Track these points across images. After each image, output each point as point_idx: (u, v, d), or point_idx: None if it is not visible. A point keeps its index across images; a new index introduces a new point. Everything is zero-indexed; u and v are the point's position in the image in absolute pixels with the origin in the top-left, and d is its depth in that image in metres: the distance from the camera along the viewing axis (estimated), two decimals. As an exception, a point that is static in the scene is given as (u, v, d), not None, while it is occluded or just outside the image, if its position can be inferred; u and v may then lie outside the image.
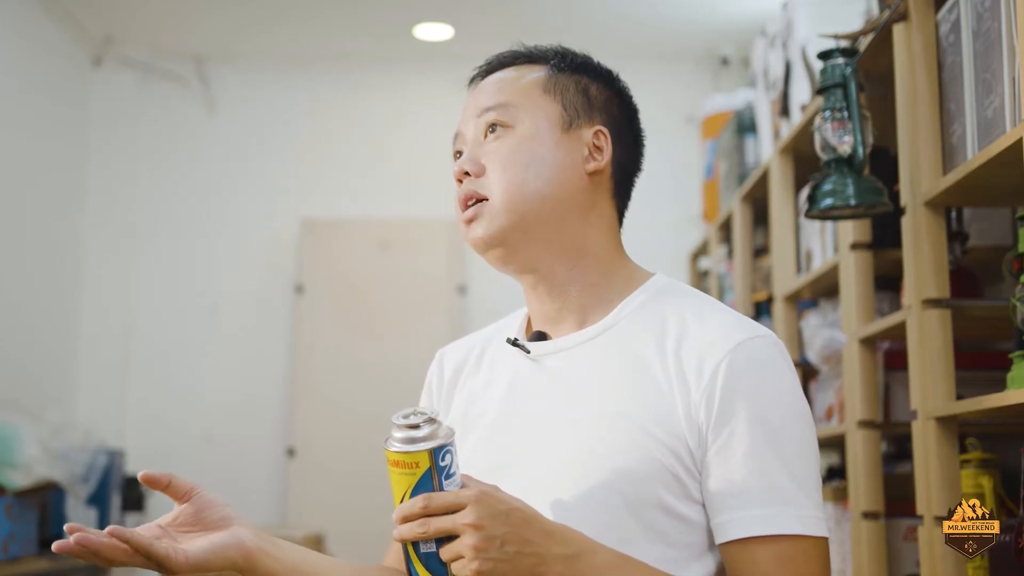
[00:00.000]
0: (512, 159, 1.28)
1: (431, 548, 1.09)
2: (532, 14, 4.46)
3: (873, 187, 1.96)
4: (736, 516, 1.15)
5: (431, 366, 1.45)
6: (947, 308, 1.87)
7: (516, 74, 1.34)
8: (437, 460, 1.10)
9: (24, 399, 3.97)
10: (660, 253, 4.64)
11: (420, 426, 1.10)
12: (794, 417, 1.19)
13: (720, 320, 1.23)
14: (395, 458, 1.11)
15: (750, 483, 1.15)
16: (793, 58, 2.92)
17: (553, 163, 1.29)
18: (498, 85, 1.34)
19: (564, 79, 1.33)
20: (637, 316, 1.28)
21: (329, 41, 4.90)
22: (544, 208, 1.27)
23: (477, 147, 1.31)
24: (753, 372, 1.19)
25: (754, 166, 3.44)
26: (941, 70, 1.91)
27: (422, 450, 1.09)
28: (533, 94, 1.32)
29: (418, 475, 1.10)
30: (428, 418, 1.10)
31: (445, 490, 1.10)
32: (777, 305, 2.96)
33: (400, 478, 1.11)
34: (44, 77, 4.51)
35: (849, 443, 2.32)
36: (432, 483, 1.10)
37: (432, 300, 4.89)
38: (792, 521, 1.15)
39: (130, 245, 4.93)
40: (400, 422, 1.11)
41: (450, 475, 1.11)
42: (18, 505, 3.41)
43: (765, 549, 1.14)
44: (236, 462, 4.79)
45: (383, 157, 5.05)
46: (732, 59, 4.80)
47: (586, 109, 1.33)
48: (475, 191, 1.29)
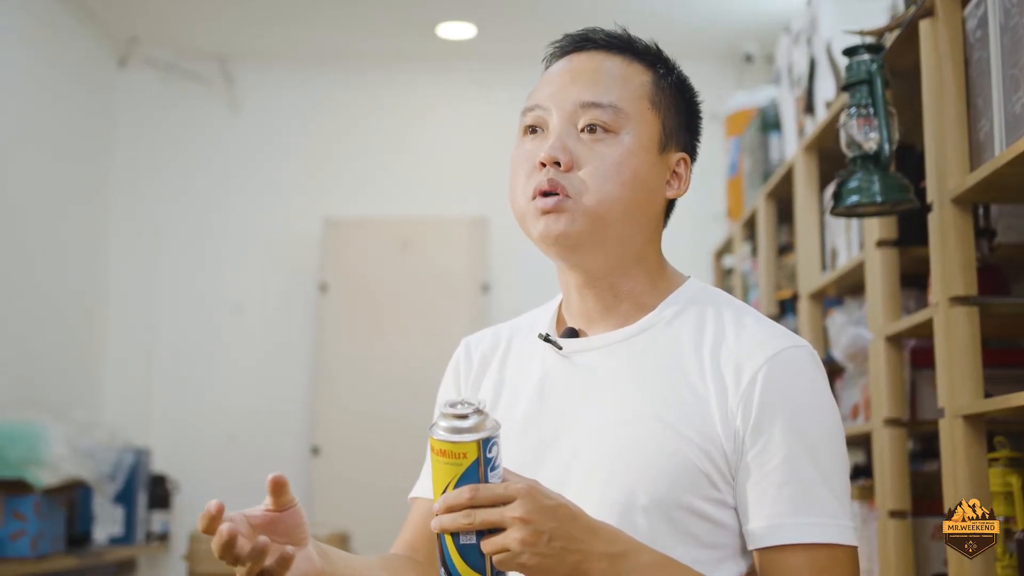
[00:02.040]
0: (616, 172, 1.24)
1: (471, 540, 1.08)
2: (555, 13, 4.45)
3: (899, 184, 1.95)
4: (771, 523, 1.16)
5: (456, 353, 1.44)
6: (974, 305, 1.85)
7: (623, 70, 1.29)
8: (485, 452, 1.08)
9: (50, 398, 4.00)
10: (684, 251, 4.58)
11: (468, 416, 1.09)
12: (829, 426, 1.20)
13: (758, 328, 1.24)
14: (441, 447, 1.09)
15: (786, 491, 1.16)
16: (818, 55, 2.91)
17: (646, 185, 1.27)
18: (606, 79, 1.27)
19: (666, 94, 1.30)
20: (674, 320, 1.27)
21: (352, 40, 4.91)
22: (625, 224, 1.26)
23: (571, 138, 1.25)
24: (791, 381, 1.19)
25: (778, 163, 3.43)
26: (968, 66, 1.89)
27: (471, 440, 1.08)
28: (642, 105, 1.28)
29: (464, 466, 1.08)
30: (476, 409, 1.09)
31: (491, 482, 1.09)
32: (802, 303, 2.95)
33: (445, 468, 1.09)
34: (70, 78, 4.54)
35: (875, 441, 2.30)
36: (478, 474, 1.08)
37: (455, 298, 4.89)
38: (827, 530, 1.15)
39: (154, 245, 4.96)
40: (448, 411, 1.09)
41: (495, 468, 1.09)
42: (46, 503, 3.44)
43: (798, 557, 1.14)
44: (260, 461, 4.80)
45: (406, 156, 5.06)
46: (756, 56, 4.78)
47: (677, 132, 1.31)
48: (562, 184, 1.23)
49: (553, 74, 1.30)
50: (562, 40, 1.34)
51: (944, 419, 1.87)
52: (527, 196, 1.26)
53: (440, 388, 1.46)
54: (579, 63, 1.30)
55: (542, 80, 1.32)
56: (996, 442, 1.90)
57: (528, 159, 1.27)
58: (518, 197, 1.27)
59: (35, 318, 4.12)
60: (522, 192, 1.27)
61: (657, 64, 1.32)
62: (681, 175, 1.32)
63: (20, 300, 4.01)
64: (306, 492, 4.75)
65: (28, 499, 3.35)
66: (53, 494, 3.49)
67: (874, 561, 2.37)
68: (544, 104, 1.28)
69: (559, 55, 1.33)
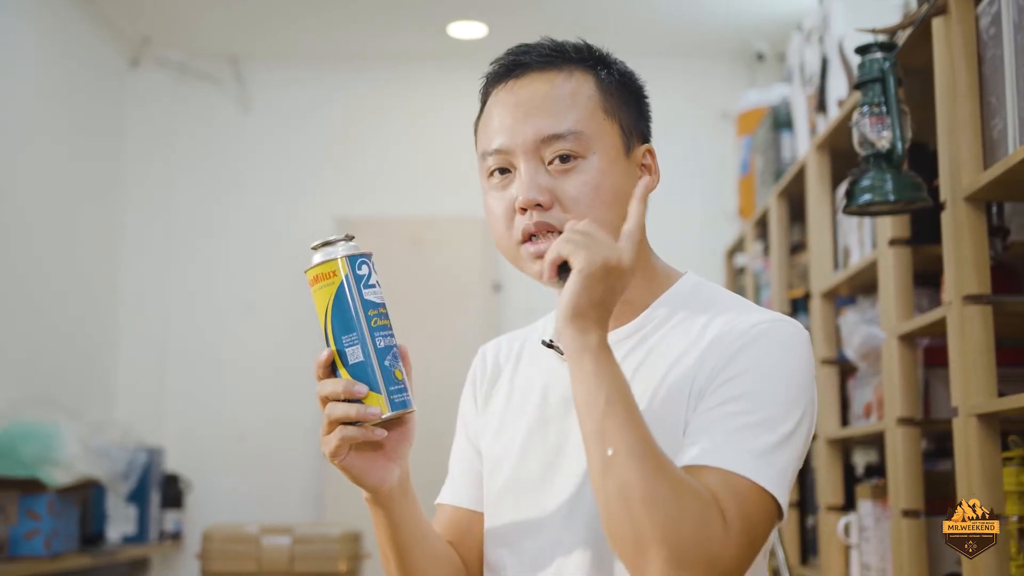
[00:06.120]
0: (595, 196, 1.22)
1: (359, 359, 1.15)
2: (566, 13, 4.45)
3: (912, 182, 1.95)
4: (707, 446, 1.11)
5: (474, 362, 1.45)
6: (988, 304, 1.85)
7: (568, 87, 1.25)
8: (354, 268, 1.15)
9: (64, 397, 4.01)
10: (695, 250, 4.63)
11: (335, 243, 1.16)
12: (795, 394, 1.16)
13: (749, 311, 1.23)
14: (314, 273, 1.16)
15: (732, 422, 1.12)
16: (830, 53, 2.91)
17: (624, 195, 1.24)
18: (557, 104, 1.24)
19: (614, 95, 1.27)
20: (667, 318, 1.27)
21: (363, 40, 4.92)
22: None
23: (542, 175, 1.23)
24: (772, 343, 1.18)
25: (790, 162, 3.42)
26: (981, 64, 1.89)
27: (336, 258, 1.15)
28: (597, 117, 1.24)
29: (336, 284, 1.15)
30: (346, 236, 1.16)
31: (366, 299, 1.15)
32: (814, 301, 2.94)
33: (320, 293, 1.15)
34: (82, 78, 4.56)
35: (888, 440, 2.30)
36: (350, 291, 1.15)
37: (466, 298, 4.90)
38: (753, 471, 1.09)
39: (166, 244, 4.97)
40: (315, 244, 1.17)
41: (370, 285, 1.16)
42: (60, 502, 3.45)
43: (716, 477, 1.09)
44: (272, 459, 4.82)
45: (417, 155, 5.06)
46: (767, 55, 4.77)
47: (634, 127, 1.29)
48: (548, 223, 1.22)
49: (501, 110, 1.27)
50: (495, 66, 1.30)
51: (958, 418, 1.87)
52: (515, 240, 1.24)
53: (461, 400, 1.46)
54: (524, 94, 1.25)
55: (489, 115, 1.28)
56: (1010, 441, 1.90)
57: (504, 203, 1.25)
58: (504, 241, 1.26)
59: (48, 318, 4.14)
60: (508, 237, 1.25)
61: (597, 66, 1.28)
62: (650, 165, 1.29)
63: (33, 300, 4.03)
64: (317, 492, 4.76)
65: (42, 498, 3.37)
66: (67, 493, 3.51)
67: (887, 560, 2.37)
68: (504, 147, 1.24)
69: (496, 82, 1.29)
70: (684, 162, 4.76)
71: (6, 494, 3.34)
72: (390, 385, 1.15)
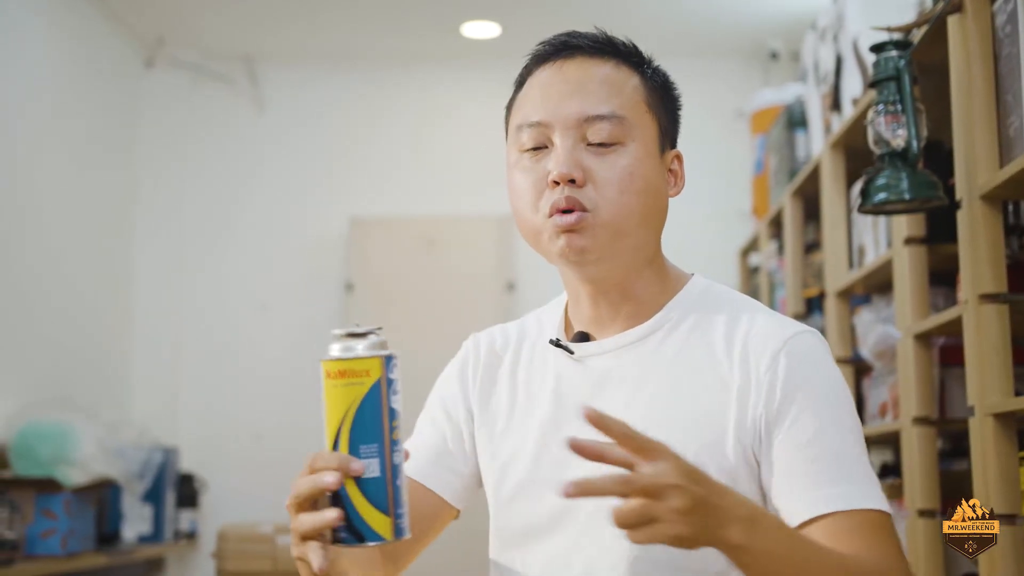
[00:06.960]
0: (629, 182, 1.23)
1: (375, 474, 1.01)
2: (580, 12, 4.44)
3: (928, 181, 1.94)
4: (812, 495, 1.15)
5: (465, 345, 1.43)
6: (1004, 303, 1.84)
7: (615, 76, 1.27)
8: (387, 371, 1.00)
9: (80, 398, 4.03)
10: (709, 249, 4.62)
11: (368, 335, 1.00)
12: (846, 403, 1.22)
13: (767, 319, 1.26)
14: (340, 367, 0.99)
15: (820, 465, 1.16)
16: (844, 51, 2.89)
17: (656, 190, 1.27)
18: (603, 87, 1.26)
19: (656, 95, 1.29)
20: (682, 319, 1.28)
21: (377, 40, 4.92)
22: (640, 233, 1.26)
23: (579, 152, 1.24)
24: (808, 364, 1.22)
25: (805, 161, 3.41)
26: (997, 62, 1.88)
27: (375, 356, 0.99)
28: (640, 109, 1.27)
29: (367, 385, 0.99)
30: (376, 329, 1.00)
31: (392, 407, 1.00)
32: (829, 301, 2.93)
33: (343, 391, 0.99)
34: (97, 79, 4.58)
35: (904, 440, 2.29)
36: (381, 397, 1.00)
37: (481, 297, 4.90)
38: (868, 498, 1.15)
39: (181, 244, 4.98)
40: (344, 332, 1.00)
41: (396, 392, 1.01)
42: (76, 502, 3.47)
43: (842, 522, 1.14)
44: (287, 458, 4.80)
45: (431, 155, 5.07)
46: (781, 53, 4.76)
47: (670, 131, 1.31)
48: (579, 200, 1.22)
49: (545, 85, 1.28)
50: (544, 46, 1.32)
51: (974, 417, 1.86)
52: (543, 214, 1.25)
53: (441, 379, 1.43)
54: (570, 72, 1.27)
55: (531, 91, 1.29)
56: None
57: (535, 176, 1.26)
58: (529, 215, 1.26)
59: (64, 318, 4.15)
60: (534, 210, 1.26)
61: (643, 66, 1.31)
62: (677, 172, 1.32)
63: (49, 300, 4.04)
64: (333, 491, 4.76)
65: (58, 498, 3.39)
66: (83, 493, 3.52)
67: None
68: (545, 120, 1.25)
69: (542, 62, 1.30)
70: (698, 161, 4.68)
71: (23, 494, 3.35)
72: (398, 508, 1.03)
